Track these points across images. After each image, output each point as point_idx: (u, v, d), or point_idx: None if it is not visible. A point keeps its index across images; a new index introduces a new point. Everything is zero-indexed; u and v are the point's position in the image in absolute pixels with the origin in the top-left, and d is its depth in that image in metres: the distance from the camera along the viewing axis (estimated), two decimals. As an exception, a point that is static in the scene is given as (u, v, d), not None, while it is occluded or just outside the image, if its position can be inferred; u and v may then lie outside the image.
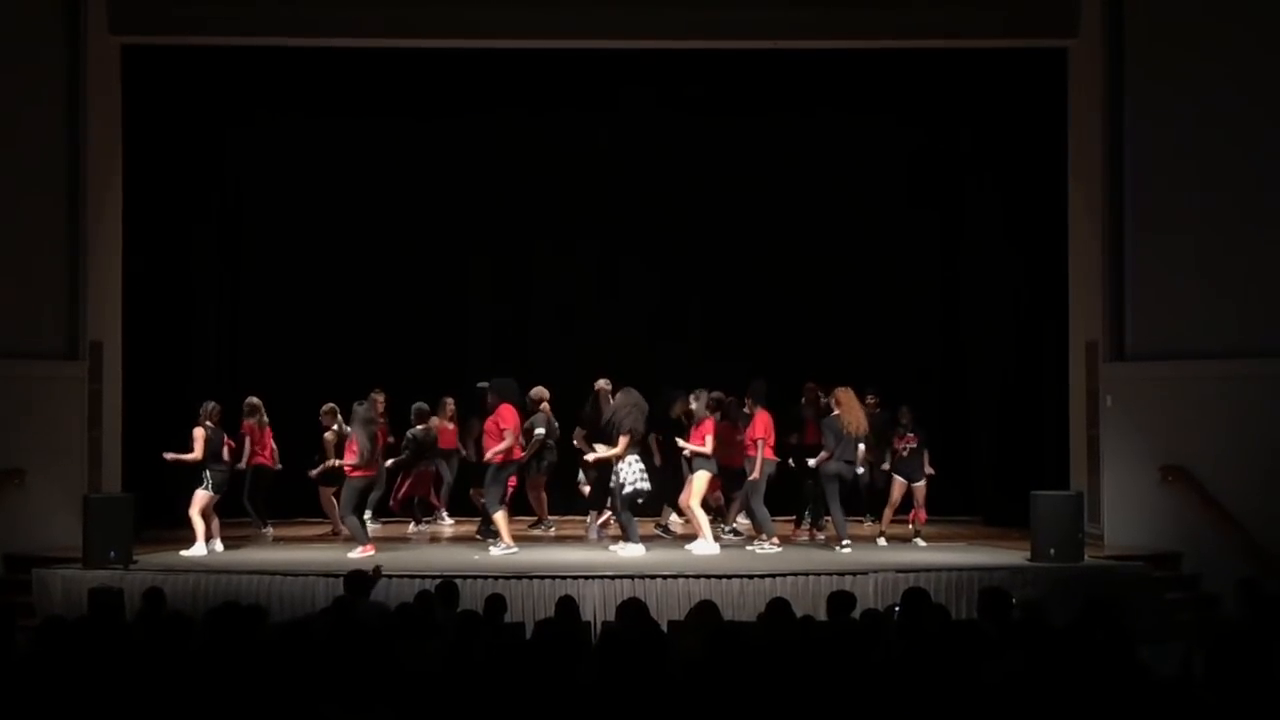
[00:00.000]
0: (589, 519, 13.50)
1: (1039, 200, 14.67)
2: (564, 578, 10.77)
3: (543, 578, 10.81)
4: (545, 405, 13.20)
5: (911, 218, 16.02)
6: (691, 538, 12.49)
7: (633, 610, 7.17)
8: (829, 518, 12.82)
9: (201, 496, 12.25)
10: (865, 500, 14.10)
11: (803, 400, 13.64)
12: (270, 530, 13.74)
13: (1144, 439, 13.13)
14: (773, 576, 10.89)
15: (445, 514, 14.75)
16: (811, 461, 12.53)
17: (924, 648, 6.23)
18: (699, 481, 12.28)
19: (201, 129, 15.39)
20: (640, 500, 12.21)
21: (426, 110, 15.59)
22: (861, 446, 12.52)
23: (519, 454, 12.47)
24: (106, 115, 13.80)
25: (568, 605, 8.03)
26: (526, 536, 13.37)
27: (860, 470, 12.78)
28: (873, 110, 15.59)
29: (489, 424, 12.35)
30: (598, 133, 15.77)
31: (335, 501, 13.12)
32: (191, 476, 12.39)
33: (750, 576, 10.91)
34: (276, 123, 15.73)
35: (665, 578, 10.86)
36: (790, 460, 13.19)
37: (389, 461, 13.00)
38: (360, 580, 8.81)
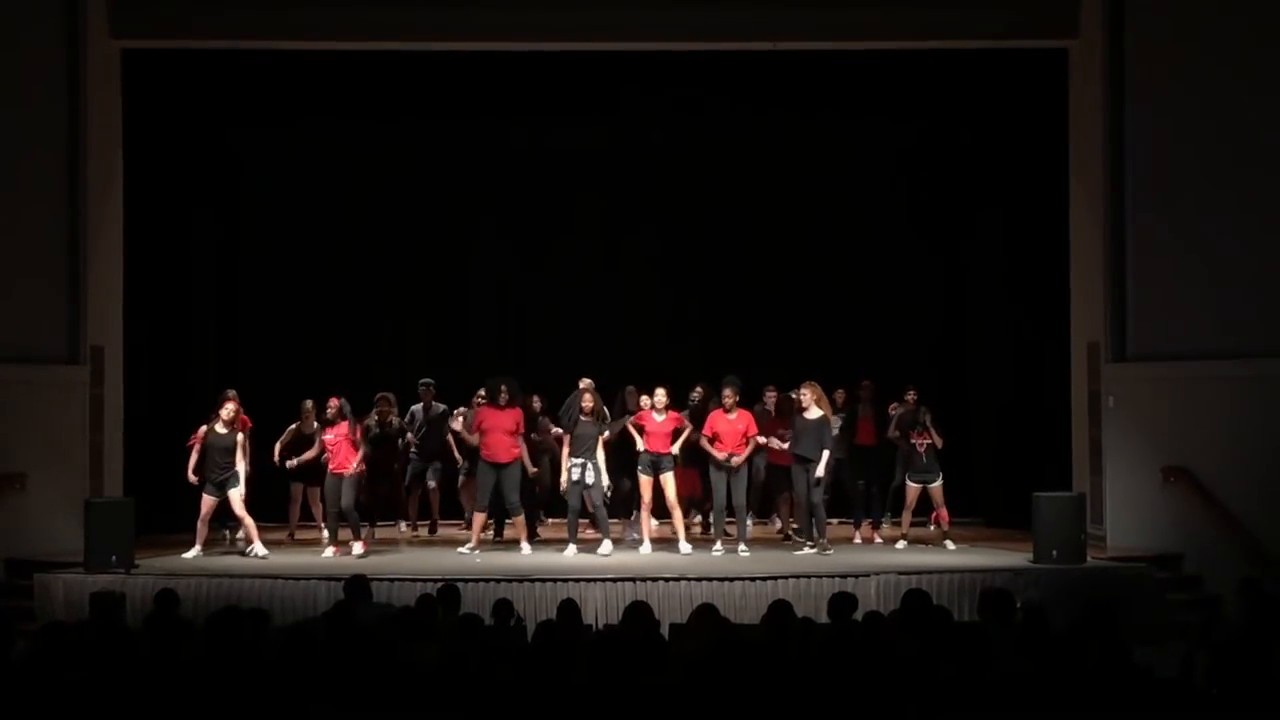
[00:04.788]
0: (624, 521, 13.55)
1: (1040, 200, 14.64)
2: (566, 580, 10.79)
3: (545, 580, 10.81)
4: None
5: (912, 219, 16.01)
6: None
7: (634, 614, 7.16)
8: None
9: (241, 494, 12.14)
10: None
11: (860, 398, 13.63)
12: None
13: (1146, 440, 13.11)
14: (774, 579, 10.89)
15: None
16: (820, 470, 12.36)
17: (924, 649, 6.22)
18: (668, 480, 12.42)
19: (202, 133, 15.39)
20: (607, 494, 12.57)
21: (426, 114, 15.51)
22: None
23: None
24: (107, 120, 13.77)
25: (569, 608, 8.02)
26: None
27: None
28: (873, 112, 15.52)
29: (505, 422, 12.28)
30: (596, 135, 15.76)
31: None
32: (188, 484, 12.35)
33: (752, 579, 10.91)
34: (276, 127, 15.66)
35: (667, 580, 10.87)
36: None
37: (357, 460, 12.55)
38: (361, 584, 8.80)
